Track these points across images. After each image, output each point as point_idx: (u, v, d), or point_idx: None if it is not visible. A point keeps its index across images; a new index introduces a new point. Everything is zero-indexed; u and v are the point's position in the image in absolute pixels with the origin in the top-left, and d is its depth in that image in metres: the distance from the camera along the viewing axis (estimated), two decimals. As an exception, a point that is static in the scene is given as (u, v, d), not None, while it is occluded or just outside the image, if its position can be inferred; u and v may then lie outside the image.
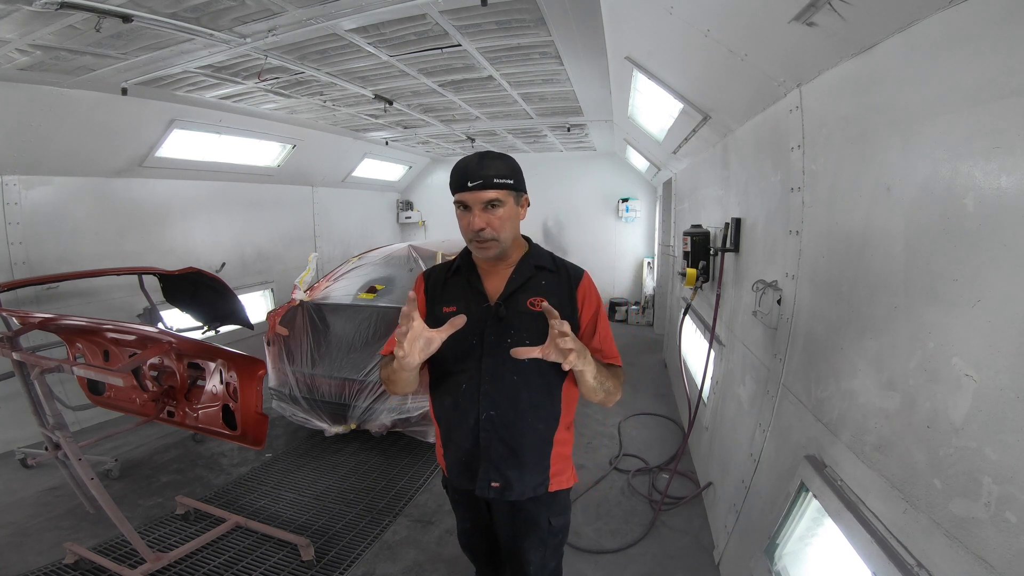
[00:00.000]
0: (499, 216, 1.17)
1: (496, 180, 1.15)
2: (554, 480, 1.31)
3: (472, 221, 1.16)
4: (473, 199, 1.15)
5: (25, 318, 2.13)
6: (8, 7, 1.98)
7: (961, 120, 0.93)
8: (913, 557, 0.98)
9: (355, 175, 6.61)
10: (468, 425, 1.24)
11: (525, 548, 1.36)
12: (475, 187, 1.14)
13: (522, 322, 1.21)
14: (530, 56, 2.94)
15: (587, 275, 1.32)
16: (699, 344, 3.19)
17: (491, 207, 1.16)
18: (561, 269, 1.31)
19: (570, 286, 1.28)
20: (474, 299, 1.25)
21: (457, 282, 1.30)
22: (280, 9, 2.19)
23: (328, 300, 3.52)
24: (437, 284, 1.32)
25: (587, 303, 1.28)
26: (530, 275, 1.26)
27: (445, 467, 1.36)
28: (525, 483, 1.27)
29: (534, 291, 1.24)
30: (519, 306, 1.23)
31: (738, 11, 1.53)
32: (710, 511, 2.51)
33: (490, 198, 1.15)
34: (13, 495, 2.71)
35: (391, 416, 3.00)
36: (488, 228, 1.17)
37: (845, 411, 1.31)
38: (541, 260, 1.30)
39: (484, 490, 1.26)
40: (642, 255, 7.25)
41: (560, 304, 1.20)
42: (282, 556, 2.25)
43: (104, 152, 3.65)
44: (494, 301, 1.24)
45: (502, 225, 1.18)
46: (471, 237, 1.19)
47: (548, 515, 1.33)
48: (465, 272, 1.30)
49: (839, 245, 1.40)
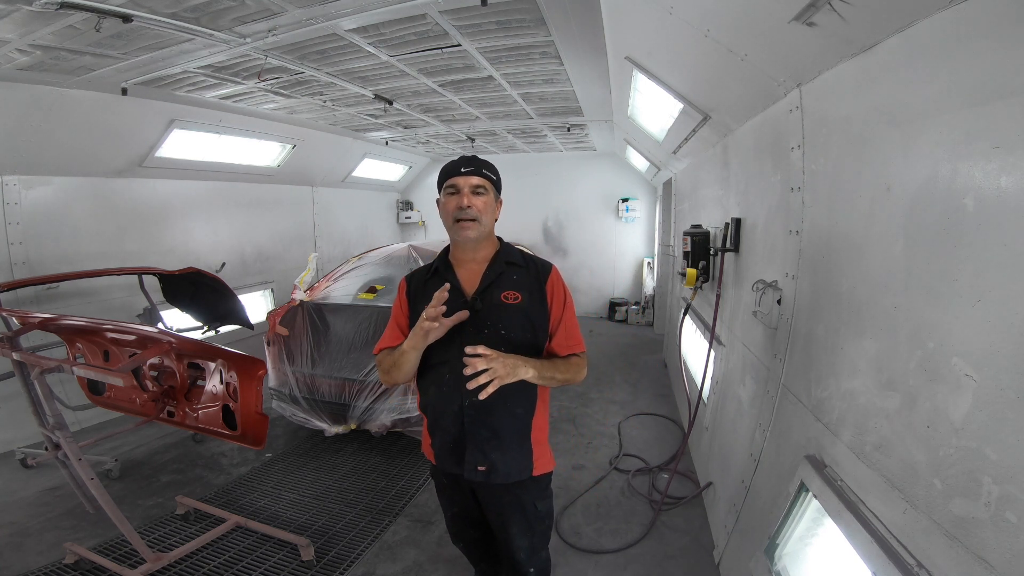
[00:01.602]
0: (483, 200, 1.35)
1: (484, 171, 1.36)
2: (537, 464, 1.42)
3: (460, 200, 1.32)
4: (464, 181, 1.33)
5: (25, 318, 2.13)
6: (8, 7, 1.98)
7: (961, 120, 0.93)
8: (913, 557, 0.98)
9: (355, 175, 6.61)
10: (453, 411, 1.34)
11: (514, 534, 1.46)
12: (467, 172, 1.33)
13: (497, 314, 1.33)
14: (530, 56, 2.94)
15: (555, 269, 1.44)
16: (699, 344, 3.19)
17: (477, 193, 1.34)
18: (531, 264, 1.42)
19: (539, 280, 1.39)
20: (453, 296, 1.33)
21: (436, 282, 1.40)
22: (280, 9, 2.19)
23: (328, 300, 3.52)
24: (418, 286, 1.44)
25: (555, 296, 1.40)
26: (502, 271, 1.38)
27: (433, 455, 1.46)
28: (509, 465, 1.37)
29: (507, 285, 1.36)
30: (494, 299, 1.35)
31: (738, 11, 1.53)
32: (710, 511, 2.51)
33: (478, 183, 1.34)
34: (13, 495, 2.71)
35: (391, 416, 3.00)
36: (473, 207, 1.32)
37: (845, 411, 1.31)
38: (512, 256, 1.42)
39: (471, 473, 1.36)
40: (642, 255, 7.24)
41: (531, 296, 1.36)
42: (282, 556, 2.25)
43: (104, 152, 3.65)
44: (470, 296, 1.35)
45: (484, 208, 1.35)
46: (457, 216, 1.33)
47: (533, 499, 1.44)
48: (443, 272, 1.42)
49: (839, 245, 1.40)
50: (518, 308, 1.34)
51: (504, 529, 1.46)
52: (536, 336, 1.36)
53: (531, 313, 1.35)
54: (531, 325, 1.35)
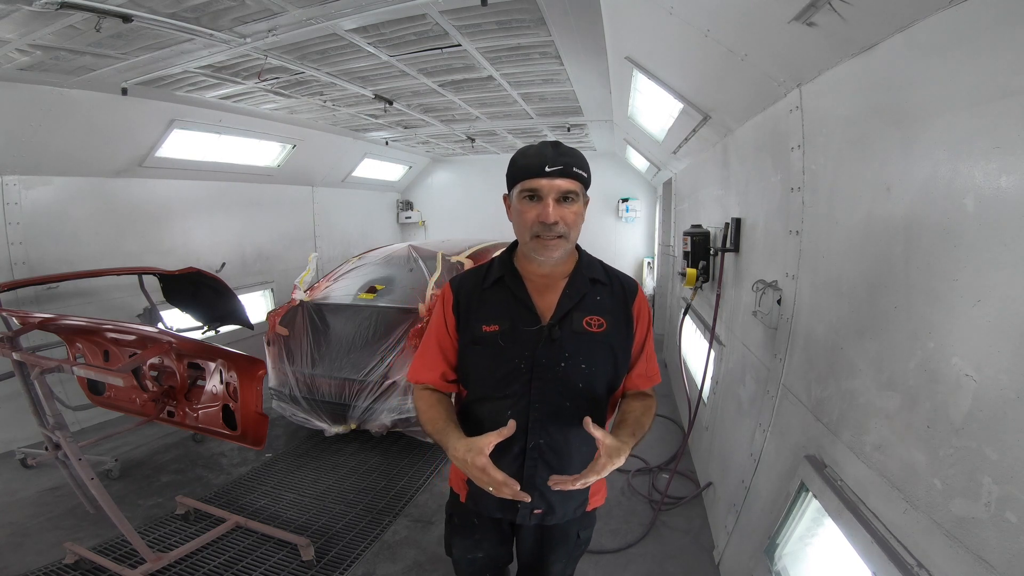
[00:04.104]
0: (573, 211, 1.05)
1: (576, 170, 1.03)
2: (592, 499, 1.26)
3: (545, 212, 1.02)
4: (549, 187, 1.02)
5: (25, 318, 2.13)
6: (8, 7, 1.97)
7: (961, 120, 0.93)
8: (913, 557, 0.98)
9: (355, 175, 6.61)
10: (512, 454, 1.11)
11: (551, 561, 1.31)
12: (554, 172, 1.01)
13: (577, 344, 1.10)
14: (530, 56, 2.94)
15: (641, 289, 1.22)
16: (699, 344, 3.19)
17: (565, 200, 1.04)
18: (615, 281, 1.19)
19: (626, 302, 1.17)
20: (522, 317, 1.11)
21: (499, 295, 1.14)
22: (280, 9, 2.19)
23: (328, 300, 3.52)
24: (472, 297, 1.16)
25: (640, 320, 1.19)
26: (585, 291, 1.13)
27: (465, 492, 1.24)
28: (567, 507, 1.20)
29: (590, 309, 1.12)
30: (574, 326, 1.10)
31: (738, 11, 1.53)
32: (710, 511, 2.51)
33: (567, 188, 1.03)
34: (13, 495, 2.71)
35: (391, 416, 3.00)
36: (561, 222, 1.03)
37: (845, 411, 1.31)
38: (594, 272, 1.18)
39: (525, 518, 1.18)
40: (642, 255, 7.24)
41: (616, 323, 1.14)
42: (282, 556, 2.25)
43: (104, 152, 3.65)
44: (546, 320, 1.10)
45: (575, 222, 1.06)
46: (538, 231, 1.04)
47: (579, 529, 1.29)
48: (511, 284, 1.14)
49: (839, 245, 1.40)
50: (602, 337, 1.11)
51: (541, 559, 1.31)
52: (617, 370, 1.16)
53: (615, 343, 1.13)
54: (614, 357, 1.14)
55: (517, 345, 1.06)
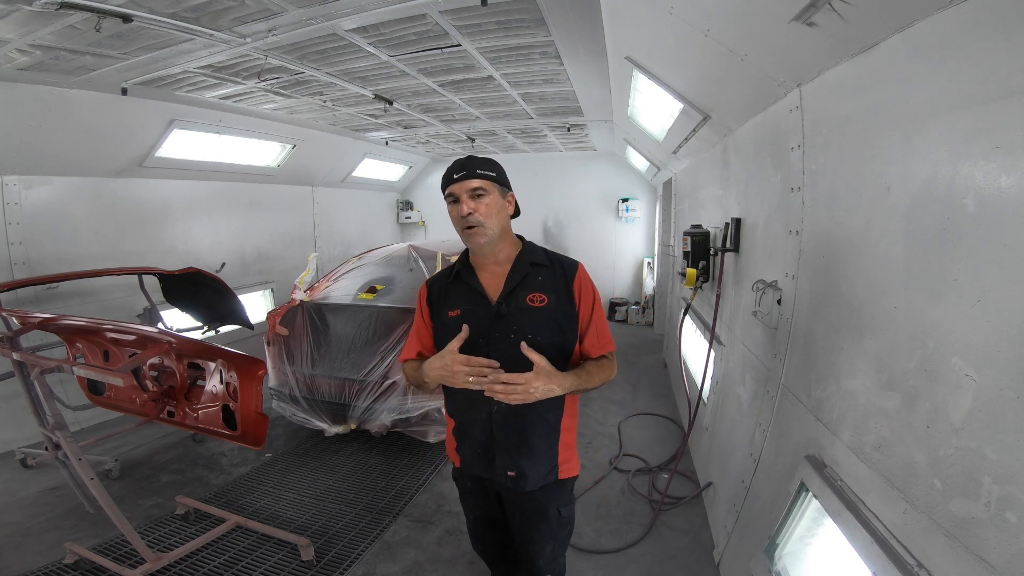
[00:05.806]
0: (485, 203, 1.27)
1: (478, 171, 1.27)
2: (562, 468, 1.39)
3: (461, 208, 1.26)
4: (460, 188, 1.26)
5: (25, 318, 2.13)
6: (8, 7, 1.98)
7: (961, 120, 0.93)
8: (913, 557, 0.98)
9: (355, 175, 6.61)
10: (482, 419, 1.33)
11: (535, 539, 1.44)
12: (460, 177, 1.26)
13: (523, 318, 1.29)
14: (530, 56, 2.94)
15: (581, 267, 1.38)
16: (699, 344, 3.19)
17: (477, 196, 1.26)
18: (556, 263, 1.37)
19: (566, 279, 1.34)
20: (476, 301, 1.33)
21: (458, 287, 1.38)
22: (280, 9, 2.19)
23: (328, 300, 3.52)
24: (440, 291, 1.40)
25: (583, 295, 1.34)
26: (526, 272, 1.33)
27: (458, 459, 1.45)
28: (537, 471, 1.35)
29: (532, 287, 1.32)
30: (519, 303, 1.30)
31: (738, 11, 1.53)
32: (710, 511, 2.51)
33: (474, 186, 1.26)
34: (13, 495, 2.71)
35: (391, 416, 3.00)
36: (475, 213, 1.26)
37: (845, 411, 1.31)
38: (536, 257, 1.37)
39: (502, 478, 1.35)
40: (642, 255, 7.25)
41: (558, 298, 1.31)
42: (282, 556, 2.25)
43: (104, 152, 3.65)
44: (495, 300, 1.31)
45: (488, 212, 1.27)
46: (461, 225, 1.28)
47: (557, 504, 1.41)
48: (465, 276, 1.37)
49: (839, 245, 1.40)
50: (545, 311, 1.29)
51: (526, 534, 1.44)
52: (565, 339, 1.31)
53: (559, 315, 1.30)
54: (559, 328, 1.30)
55: (474, 323, 1.26)
